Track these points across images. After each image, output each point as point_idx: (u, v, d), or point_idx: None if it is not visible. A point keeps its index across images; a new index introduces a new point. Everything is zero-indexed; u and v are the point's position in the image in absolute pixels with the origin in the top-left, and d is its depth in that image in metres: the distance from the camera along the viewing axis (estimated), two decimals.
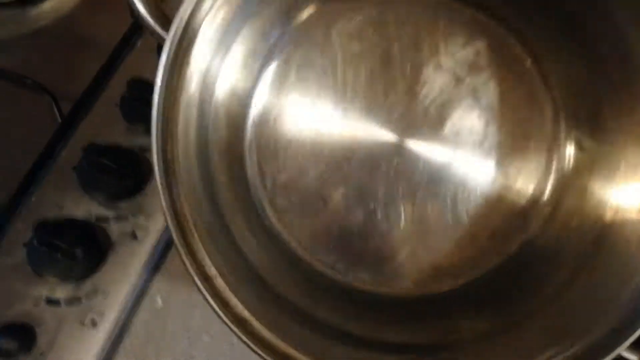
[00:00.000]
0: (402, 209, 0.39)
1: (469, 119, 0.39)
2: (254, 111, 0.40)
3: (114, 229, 0.47)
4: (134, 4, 0.31)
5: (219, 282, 0.33)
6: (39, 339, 0.42)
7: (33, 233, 0.43)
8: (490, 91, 0.38)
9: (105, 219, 0.47)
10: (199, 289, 0.31)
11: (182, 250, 0.30)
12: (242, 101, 0.39)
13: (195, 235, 0.31)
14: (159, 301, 0.46)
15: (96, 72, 0.54)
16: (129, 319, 0.45)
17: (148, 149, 0.50)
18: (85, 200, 0.48)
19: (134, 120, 0.51)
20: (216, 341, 0.45)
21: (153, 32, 0.31)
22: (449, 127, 0.38)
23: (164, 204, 0.30)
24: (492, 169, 0.39)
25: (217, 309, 0.32)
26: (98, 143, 0.49)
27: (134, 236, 0.47)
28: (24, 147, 0.51)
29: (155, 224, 0.47)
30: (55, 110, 0.51)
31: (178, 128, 0.31)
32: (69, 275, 0.44)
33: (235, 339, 0.44)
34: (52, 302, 0.43)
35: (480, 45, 0.38)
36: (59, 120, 0.51)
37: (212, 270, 0.32)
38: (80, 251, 0.43)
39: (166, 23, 0.30)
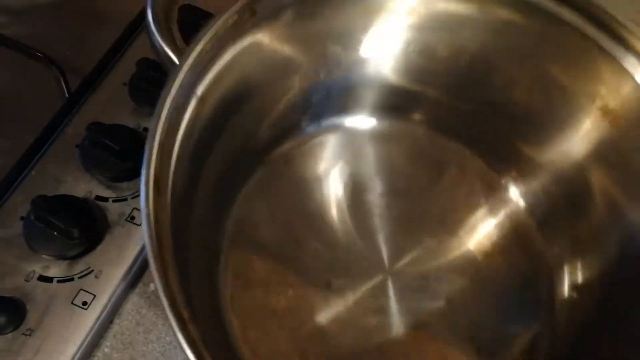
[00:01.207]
0: None
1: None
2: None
3: (113, 210, 0.46)
4: (151, 35, 0.30)
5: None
6: (28, 315, 0.41)
7: (30, 207, 0.43)
8: None
9: (105, 199, 0.47)
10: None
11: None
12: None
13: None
14: (152, 286, 0.46)
15: (107, 50, 0.53)
16: (121, 302, 0.44)
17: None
18: (85, 179, 0.47)
19: (140, 101, 0.50)
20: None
21: (164, 57, 0.30)
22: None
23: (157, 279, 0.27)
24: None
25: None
26: (103, 122, 0.48)
27: (131, 218, 0.46)
28: (29, 120, 0.50)
29: None
30: (63, 85, 0.50)
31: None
32: (63, 254, 0.43)
33: None
34: (44, 278, 0.43)
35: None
36: (67, 95, 0.51)
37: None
38: (76, 231, 0.43)
39: (178, 53, 0.29)
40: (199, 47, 0.27)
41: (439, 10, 0.32)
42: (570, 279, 0.35)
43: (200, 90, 0.28)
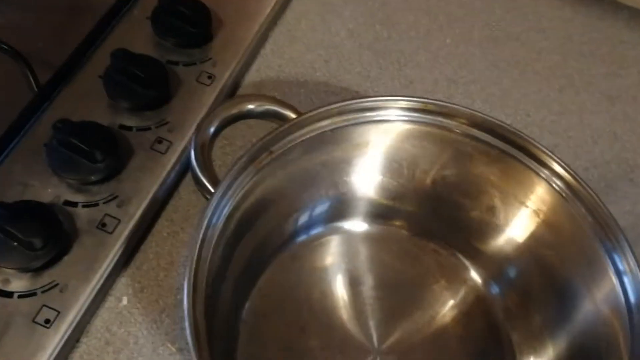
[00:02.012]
0: None
1: None
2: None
3: (82, 216, 0.42)
4: (192, 163, 0.38)
5: None
6: None
7: None
8: None
9: (74, 204, 0.43)
10: None
11: None
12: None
13: None
14: (125, 300, 0.41)
15: (81, 41, 0.49)
16: (88, 319, 0.40)
17: (129, 129, 0.46)
18: (54, 182, 0.43)
19: (116, 95, 0.46)
20: (183, 354, 0.40)
21: (201, 184, 0.38)
22: None
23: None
24: None
25: None
26: (75, 119, 0.44)
27: (102, 225, 0.42)
28: None
29: (129, 212, 0.43)
30: (31, 79, 0.46)
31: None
32: (24, 266, 0.39)
33: None
34: (3, 293, 0.39)
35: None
36: (35, 90, 0.47)
37: None
38: (38, 241, 0.39)
39: (215, 182, 0.38)
40: (227, 180, 0.36)
41: (404, 147, 0.43)
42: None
43: (229, 211, 0.36)
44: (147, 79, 0.46)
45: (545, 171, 0.40)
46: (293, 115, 0.41)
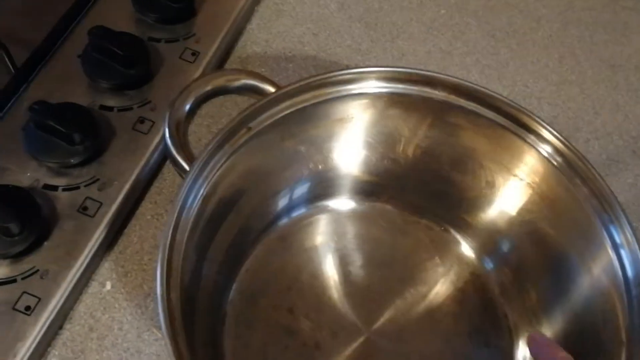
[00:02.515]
0: None
1: None
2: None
3: (63, 200, 0.41)
4: (166, 142, 0.36)
5: None
6: None
7: None
8: None
9: (54, 188, 0.41)
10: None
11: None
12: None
13: None
14: (108, 285, 0.40)
15: (58, 19, 0.47)
16: (71, 305, 0.39)
17: (109, 109, 0.44)
18: (32, 166, 0.42)
19: (95, 75, 0.45)
20: None
21: (176, 164, 0.36)
22: None
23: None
24: None
25: None
26: (52, 100, 0.42)
27: (84, 209, 0.41)
28: None
29: (111, 195, 0.41)
30: (6, 59, 0.45)
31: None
32: (3, 252, 0.38)
33: None
34: None
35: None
36: (12, 71, 0.45)
37: None
38: (15, 226, 0.37)
39: (192, 161, 0.36)
40: (203, 157, 0.35)
41: (388, 120, 0.41)
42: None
43: (206, 190, 0.35)
44: (127, 57, 0.44)
45: (537, 141, 0.39)
46: (272, 90, 0.39)
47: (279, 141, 0.39)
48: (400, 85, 0.39)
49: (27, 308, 0.37)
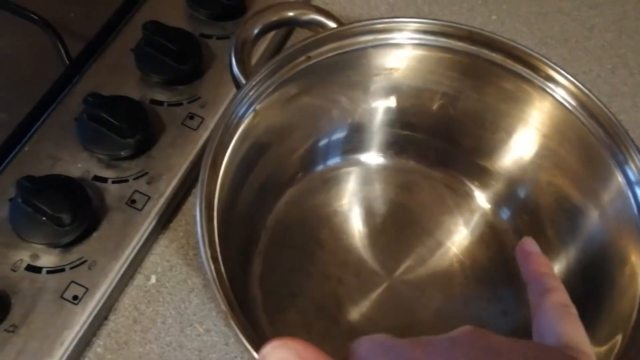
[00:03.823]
0: None
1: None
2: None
3: (112, 192, 0.41)
4: (231, 57, 0.38)
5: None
6: (13, 309, 0.37)
7: (16, 189, 0.38)
8: None
9: (104, 180, 0.42)
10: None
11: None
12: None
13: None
14: (153, 279, 0.41)
15: (113, 11, 0.48)
16: (117, 296, 0.40)
17: (160, 103, 0.45)
18: (84, 157, 0.42)
19: (148, 69, 0.45)
20: (211, 335, 0.39)
21: (235, 76, 0.38)
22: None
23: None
24: None
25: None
26: (104, 93, 0.43)
27: (132, 202, 0.41)
28: (26, 89, 0.46)
29: (159, 190, 0.42)
30: (62, 51, 0.45)
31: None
32: (53, 242, 0.39)
33: (232, 339, 0.39)
34: (32, 268, 0.38)
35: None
36: (67, 62, 0.46)
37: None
38: (67, 217, 0.38)
39: (247, 75, 0.38)
40: (261, 74, 0.36)
41: (425, 70, 0.42)
42: None
43: (258, 106, 0.36)
44: (179, 52, 0.44)
45: (551, 85, 0.39)
46: (335, 26, 0.40)
47: (329, 81, 0.40)
48: (448, 40, 0.40)
49: (75, 297, 0.38)
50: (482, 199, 0.45)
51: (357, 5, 0.53)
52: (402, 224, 0.44)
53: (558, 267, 0.40)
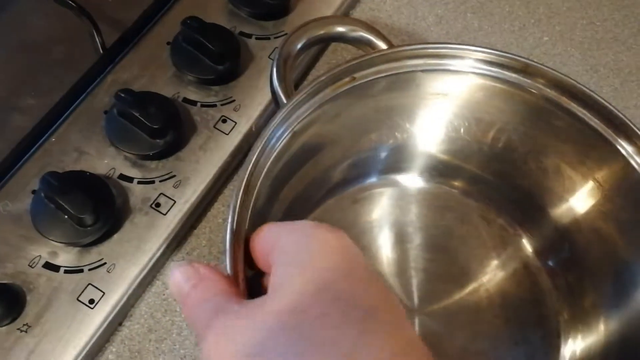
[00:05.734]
0: None
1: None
2: None
3: (137, 193, 0.40)
4: (272, 71, 0.37)
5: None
6: (27, 307, 0.36)
7: (39, 184, 0.37)
8: None
9: (129, 179, 0.40)
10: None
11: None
12: None
13: None
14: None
15: (151, 2, 0.46)
16: (133, 302, 0.38)
17: (193, 103, 0.43)
18: (110, 153, 0.41)
19: (182, 66, 0.43)
20: None
21: (275, 94, 0.37)
22: None
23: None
24: None
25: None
26: (135, 88, 0.41)
27: (157, 205, 0.40)
28: (58, 76, 0.44)
29: (185, 194, 0.40)
30: (97, 39, 0.44)
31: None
32: (72, 241, 0.37)
33: None
34: (50, 266, 0.37)
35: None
36: (101, 51, 0.44)
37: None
38: (89, 217, 0.37)
39: (288, 93, 0.36)
40: (303, 94, 0.34)
41: (477, 102, 0.39)
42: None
43: (297, 127, 0.34)
44: (217, 52, 0.43)
45: (624, 144, 0.36)
46: (385, 47, 0.38)
47: (373, 102, 0.39)
48: (496, 70, 0.37)
49: (91, 301, 0.37)
50: (522, 240, 0.42)
51: (404, 15, 0.51)
52: (433, 252, 0.41)
53: (593, 337, 0.39)
